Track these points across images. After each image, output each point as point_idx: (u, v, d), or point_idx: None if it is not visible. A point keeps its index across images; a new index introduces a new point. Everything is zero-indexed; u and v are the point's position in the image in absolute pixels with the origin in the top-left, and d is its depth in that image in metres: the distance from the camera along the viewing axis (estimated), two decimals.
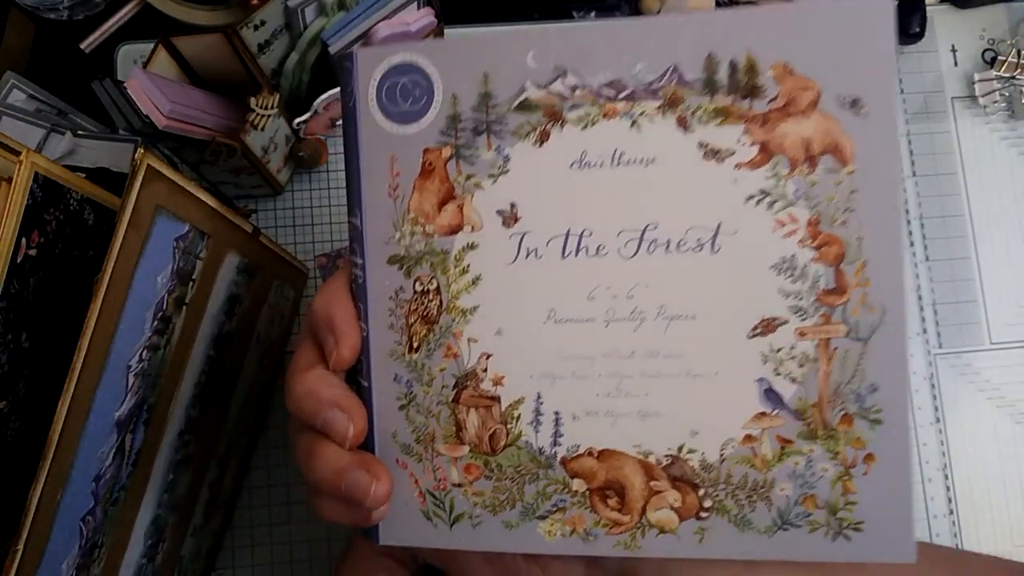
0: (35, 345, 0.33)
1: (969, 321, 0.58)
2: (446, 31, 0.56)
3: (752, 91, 0.30)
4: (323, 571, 0.54)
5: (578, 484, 0.32)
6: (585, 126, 0.31)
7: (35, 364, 0.33)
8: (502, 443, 0.32)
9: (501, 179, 0.32)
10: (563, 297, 0.31)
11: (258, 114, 0.48)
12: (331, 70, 0.51)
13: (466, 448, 0.32)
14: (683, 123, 0.30)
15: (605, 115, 0.31)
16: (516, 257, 0.32)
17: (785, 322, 0.30)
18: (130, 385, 0.35)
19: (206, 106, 0.48)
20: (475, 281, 0.32)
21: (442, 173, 0.32)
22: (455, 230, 0.32)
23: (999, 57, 0.60)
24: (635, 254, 0.31)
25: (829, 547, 0.30)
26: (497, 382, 0.32)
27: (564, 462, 0.32)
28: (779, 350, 0.30)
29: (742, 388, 0.30)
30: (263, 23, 0.46)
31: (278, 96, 0.49)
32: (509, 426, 0.32)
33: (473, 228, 0.32)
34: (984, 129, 0.61)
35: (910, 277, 0.59)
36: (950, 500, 0.56)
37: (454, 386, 0.32)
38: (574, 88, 0.31)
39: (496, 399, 0.32)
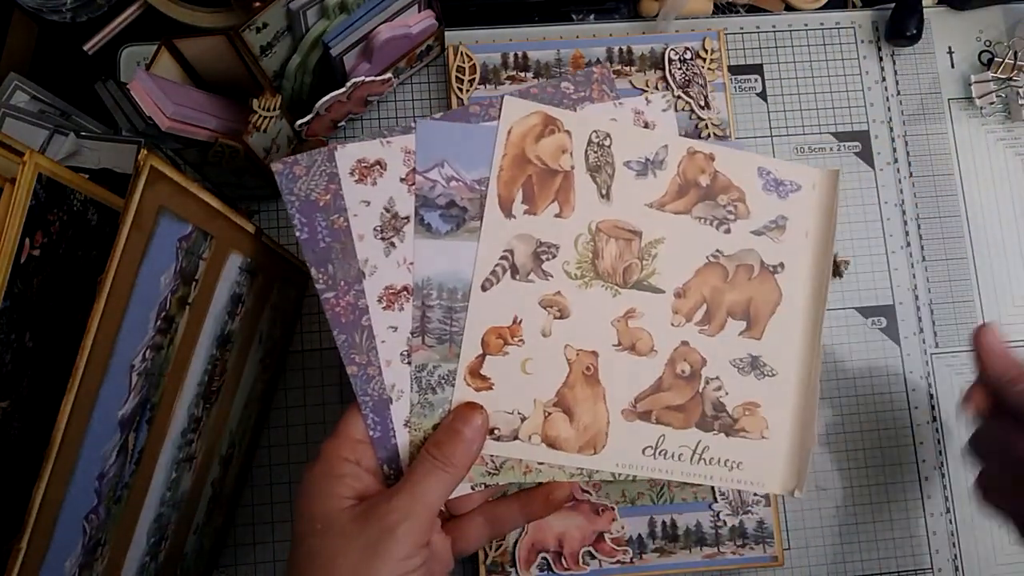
0: (39, 345, 0.33)
1: (965, 321, 0.59)
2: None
3: None
4: None
5: None
6: None
7: (39, 364, 0.33)
8: None
9: None
10: None
11: (260, 116, 0.48)
12: (333, 72, 0.52)
13: None
14: None
15: None
16: None
17: None
18: (133, 384, 0.35)
19: (209, 108, 0.48)
20: None
21: None
22: None
23: (995, 59, 0.60)
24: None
25: None
26: None
27: None
28: None
29: None
30: (265, 26, 0.46)
31: (280, 98, 0.49)
32: None
33: None
34: (980, 131, 0.61)
35: (907, 277, 0.59)
36: (947, 499, 0.56)
37: None
38: None
39: None
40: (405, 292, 0.40)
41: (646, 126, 0.44)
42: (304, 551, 0.37)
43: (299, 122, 0.52)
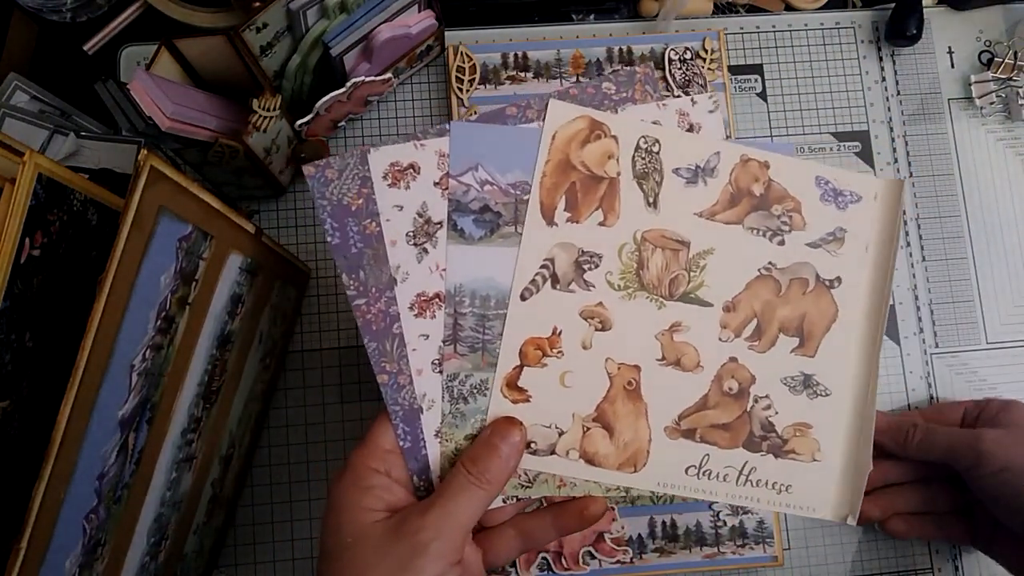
0: (39, 345, 0.33)
1: (965, 321, 0.59)
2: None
3: None
4: None
5: None
6: None
7: (39, 364, 0.33)
8: None
9: None
10: None
11: (260, 116, 0.48)
12: (333, 72, 0.52)
13: None
14: None
15: None
16: None
17: None
18: (133, 384, 0.35)
19: (209, 108, 0.48)
20: None
21: None
22: None
23: (995, 59, 0.60)
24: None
25: None
26: None
27: None
28: None
29: None
30: (265, 26, 0.46)
31: (280, 98, 0.49)
32: None
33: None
34: (980, 130, 0.61)
35: (907, 277, 0.59)
36: None
37: None
38: None
39: None
40: (437, 299, 0.39)
41: (691, 128, 0.42)
42: (333, 565, 0.36)
43: (299, 122, 0.52)
